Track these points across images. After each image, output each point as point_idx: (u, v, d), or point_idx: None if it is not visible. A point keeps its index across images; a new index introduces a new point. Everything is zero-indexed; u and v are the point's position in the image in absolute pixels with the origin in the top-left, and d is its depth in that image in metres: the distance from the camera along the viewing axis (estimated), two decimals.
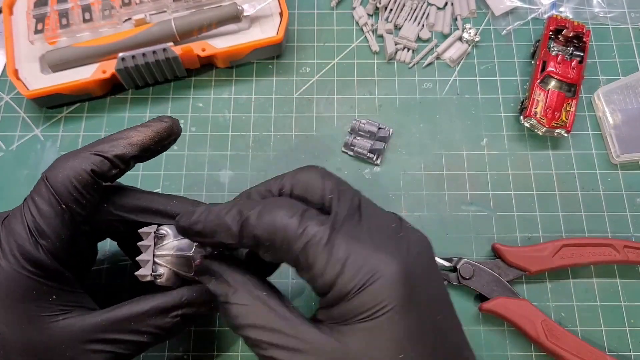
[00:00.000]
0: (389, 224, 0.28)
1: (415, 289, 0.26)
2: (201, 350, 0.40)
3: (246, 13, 0.46)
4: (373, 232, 0.27)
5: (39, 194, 0.29)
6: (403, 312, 0.25)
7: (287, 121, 0.48)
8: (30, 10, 0.46)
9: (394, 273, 0.25)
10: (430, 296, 0.27)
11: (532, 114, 0.45)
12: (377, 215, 0.28)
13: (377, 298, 0.25)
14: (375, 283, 0.25)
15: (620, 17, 0.52)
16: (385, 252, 0.26)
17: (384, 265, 0.25)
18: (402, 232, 0.28)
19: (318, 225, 0.26)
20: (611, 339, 0.41)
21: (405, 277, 0.25)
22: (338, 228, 0.26)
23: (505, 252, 0.41)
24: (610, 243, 0.41)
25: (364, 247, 0.26)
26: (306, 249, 0.26)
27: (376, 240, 0.26)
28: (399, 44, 0.50)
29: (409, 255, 0.26)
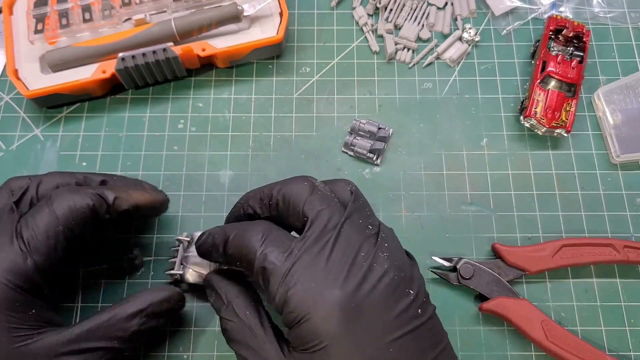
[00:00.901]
0: (356, 251, 0.28)
1: (359, 322, 0.26)
2: (201, 350, 0.40)
3: (246, 13, 0.46)
4: (333, 261, 0.28)
5: (41, 213, 0.31)
6: (336, 348, 0.26)
7: (287, 121, 0.48)
8: (30, 10, 0.46)
9: (330, 309, 0.26)
10: (382, 326, 0.27)
11: (532, 114, 0.45)
12: (348, 239, 0.29)
13: (311, 334, 0.27)
14: (309, 321, 0.27)
15: (620, 17, 0.52)
16: (331, 286, 0.27)
17: (323, 301, 0.27)
18: (367, 260, 0.28)
19: (278, 252, 0.29)
20: (611, 339, 0.41)
21: (345, 311, 0.26)
22: (295, 256, 0.28)
23: (505, 252, 0.41)
24: (610, 243, 0.41)
25: (313, 279, 0.27)
26: (263, 273, 0.29)
27: (331, 271, 0.28)
28: (399, 44, 0.50)
29: (360, 287, 0.27)
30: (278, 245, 0.29)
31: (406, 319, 0.28)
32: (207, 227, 0.43)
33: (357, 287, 0.27)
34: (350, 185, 0.32)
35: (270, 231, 0.30)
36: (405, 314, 0.28)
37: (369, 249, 0.29)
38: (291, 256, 0.28)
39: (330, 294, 0.27)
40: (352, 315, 0.27)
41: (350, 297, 0.27)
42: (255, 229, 0.30)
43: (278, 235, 0.30)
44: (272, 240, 0.29)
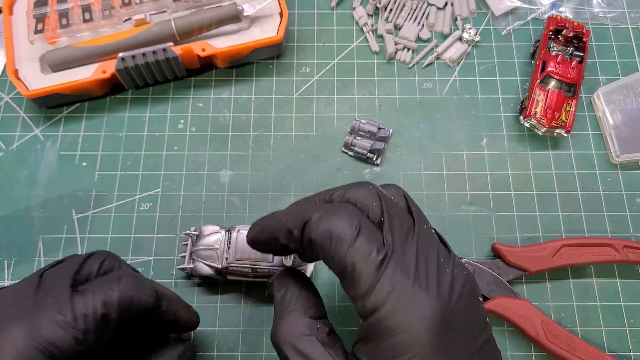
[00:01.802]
0: (437, 257, 0.27)
1: (449, 333, 0.25)
2: (201, 350, 0.40)
3: (246, 13, 0.46)
4: (420, 265, 0.26)
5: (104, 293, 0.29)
6: (438, 355, 0.24)
7: (287, 121, 0.48)
8: (30, 10, 0.46)
9: (433, 315, 0.24)
10: (467, 336, 0.26)
11: (532, 114, 0.45)
12: (426, 244, 0.27)
13: (413, 343, 0.24)
14: (412, 327, 0.24)
15: (620, 17, 0.52)
16: (427, 291, 0.25)
17: (425, 306, 0.25)
18: (449, 266, 0.27)
19: (373, 245, 0.25)
20: (611, 339, 0.41)
21: (440, 323, 0.25)
22: (390, 254, 0.25)
23: (505, 252, 0.41)
24: (610, 243, 0.41)
25: (408, 282, 0.25)
26: (355, 267, 0.25)
27: (421, 275, 0.25)
28: (399, 44, 0.50)
29: (451, 296, 0.25)
30: (372, 241, 0.26)
31: (483, 325, 0.26)
32: None
33: (448, 295, 0.25)
34: (402, 190, 0.31)
35: (363, 221, 0.26)
36: (484, 321, 0.27)
37: (445, 255, 0.27)
38: (388, 253, 0.25)
39: (428, 303, 0.25)
40: (446, 325, 0.25)
41: (445, 306, 0.25)
42: (347, 215, 0.26)
43: (371, 228, 0.26)
44: (366, 233, 0.26)
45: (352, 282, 0.26)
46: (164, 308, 0.32)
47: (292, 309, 0.28)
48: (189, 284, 0.42)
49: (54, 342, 0.27)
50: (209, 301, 0.41)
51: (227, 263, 0.38)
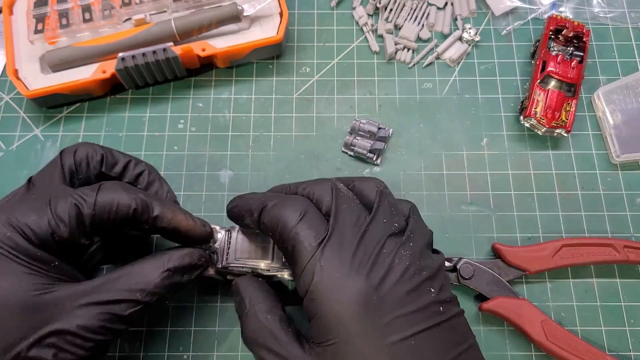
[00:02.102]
0: (379, 247, 0.29)
1: (378, 318, 0.27)
2: (201, 350, 0.40)
3: (246, 13, 0.46)
4: (357, 252, 0.29)
5: (85, 194, 0.31)
6: (355, 340, 0.27)
7: (287, 121, 0.48)
8: (30, 10, 0.46)
9: (352, 301, 0.27)
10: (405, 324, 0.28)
11: (532, 113, 0.45)
12: (373, 236, 0.30)
13: (332, 325, 0.28)
14: (330, 311, 0.28)
15: (620, 17, 0.52)
16: (355, 276, 0.28)
17: (346, 292, 0.28)
18: (390, 257, 0.29)
19: (314, 229, 0.30)
20: (611, 339, 0.41)
21: (364, 307, 0.27)
22: (327, 239, 0.29)
23: (505, 252, 0.41)
24: (611, 243, 0.41)
25: (338, 270, 0.28)
26: (295, 249, 0.30)
27: (354, 261, 0.29)
28: (399, 44, 0.50)
29: (383, 282, 0.28)
30: (312, 227, 0.30)
31: (425, 316, 0.28)
32: None
33: (380, 282, 0.28)
34: (379, 185, 0.33)
35: (308, 210, 0.31)
36: (424, 311, 0.28)
37: (392, 247, 0.30)
38: (325, 239, 0.29)
39: (354, 286, 0.28)
40: (372, 309, 0.27)
41: (373, 290, 0.28)
42: (295, 204, 0.31)
43: (314, 216, 0.30)
44: (308, 220, 0.30)
45: (292, 262, 0.30)
46: (153, 213, 0.32)
47: (246, 310, 0.32)
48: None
49: (30, 225, 0.29)
50: (209, 301, 0.41)
51: (227, 263, 0.38)
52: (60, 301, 0.29)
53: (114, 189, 0.32)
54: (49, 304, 0.29)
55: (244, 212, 0.34)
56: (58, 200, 0.31)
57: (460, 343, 0.29)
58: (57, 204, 0.30)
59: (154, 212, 0.33)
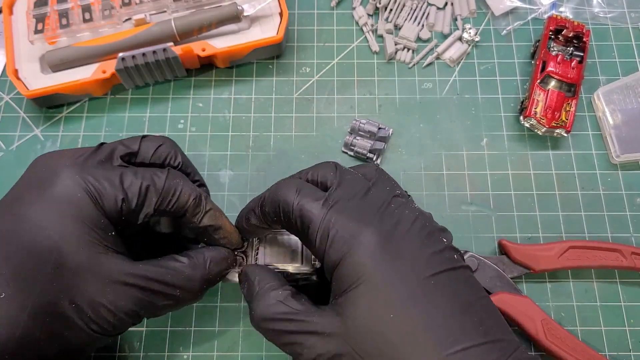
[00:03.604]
0: (388, 203, 0.30)
1: (395, 261, 0.28)
2: (201, 350, 0.40)
3: (246, 13, 0.46)
4: (365, 207, 0.30)
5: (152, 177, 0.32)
6: (376, 282, 0.28)
7: (287, 121, 0.48)
8: (30, 10, 0.46)
9: (369, 245, 0.28)
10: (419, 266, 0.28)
11: (532, 114, 0.45)
12: (379, 195, 0.31)
13: (352, 271, 0.28)
14: (350, 256, 0.28)
15: (620, 17, 0.52)
16: (366, 224, 0.29)
17: (362, 238, 0.28)
18: (398, 209, 0.30)
19: (313, 200, 0.30)
20: (611, 339, 0.41)
21: (382, 249, 0.28)
22: (330, 204, 0.30)
23: (511, 249, 0.41)
24: (619, 249, 0.41)
25: (349, 221, 0.29)
26: (302, 221, 0.30)
27: (363, 215, 0.29)
28: (399, 44, 0.50)
29: (396, 229, 0.29)
30: (312, 196, 0.30)
31: (442, 259, 0.29)
32: None
33: (392, 227, 0.29)
34: (374, 165, 0.35)
35: (303, 185, 0.32)
36: (441, 255, 0.29)
37: (399, 203, 0.31)
38: (326, 203, 0.30)
39: (368, 232, 0.28)
40: (390, 251, 0.28)
41: (387, 235, 0.29)
42: (288, 185, 0.32)
43: (310, 188, 0.31)
44: (305, 192, 0.31)
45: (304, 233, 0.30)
46: (206, 208, 0.34)
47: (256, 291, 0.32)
48: None
49: (100, 191, 0.30)
50: (209, 301, 0.41)
51: None
52: (108, 270, 0.30)
53: (179, 176, 0.33)
54: (98, 269, 0.30)
55: (247, 214, 0.35)
56: (132, 175, 0.32)
57: (477, 291, 0.29)
58: (131, 179, 0.31)
59: (206, 207, 0.34)
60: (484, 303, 0.29)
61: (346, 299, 0.28)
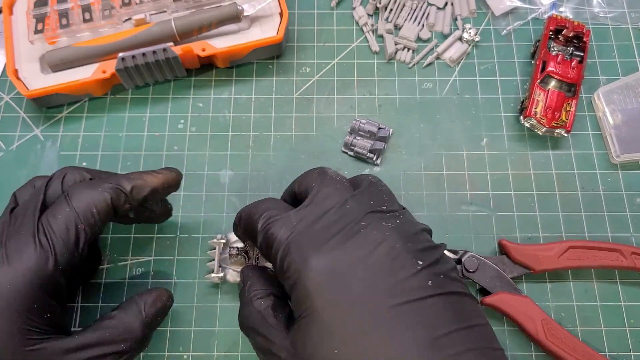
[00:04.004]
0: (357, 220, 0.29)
1: (346, 287, 0.26)
2: (201, 350, 0.40)
3: (246, 13, 0.46)
4: (326, 229, 0.29)
5: (61, 210, 0.31)
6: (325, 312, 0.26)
7: (287, 121, 0.48)
8: (30, 10, 0.46)
9: (316, 272, 0.27)
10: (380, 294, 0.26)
11: (532, 113, 0.45)
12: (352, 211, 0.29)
13: (301, 298, 0.28)
14: (298, 284, 0.28)
15: (620, 17, 0.52)
16: (318, 250, 0.28)
17: (310, 264, 0.27)
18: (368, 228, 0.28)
19: (278, 224, 0.30)
20: (611, 339, 0.41)
21: (329, 277, 0.27)
22: (293, 226, 0.29)
23: (512, 249, 0.41)
24: (619, 248, 0.41)
25: (304, 245, 0.28)
26: (266, 245, 0.30)
27: (322, 238, 0.28)
28: (399, 44, 0.50)
29: (352, 252, 0.27)
30: (279, 219, 0.30)
31: (409, 287, 0.26)
32: (207, 228, 0.44)
33: (350, 252, 0.27)
34: (371, 177, 0.33)
35: (274, 206, 0.32)
36: (408, 282, 0.26)
37: (371, 220, 0.28)
38: (289, 226, 0.29)
39: (318, 258, 0.27)
40: (339, 280, 0.27)
41: (339, 261, 0.27)
42: (259, 206, 0.32)
43: (280, 209, 0.31)
44: (272, 214, 0.31)
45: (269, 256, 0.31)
46: (127, 190, 0.33)
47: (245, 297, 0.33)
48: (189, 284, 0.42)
49: (33, 269, 0.29)
50: (209, 301, 0.41)
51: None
52: (47, 358, 0.29)
53: (82, 191, 0.32)
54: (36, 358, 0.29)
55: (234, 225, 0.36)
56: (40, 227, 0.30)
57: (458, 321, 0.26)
58: (42, 231, 0.30)
59: (126, 189, 0.33)
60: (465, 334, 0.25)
61: (299, 327, 0.28)
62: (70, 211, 0.31)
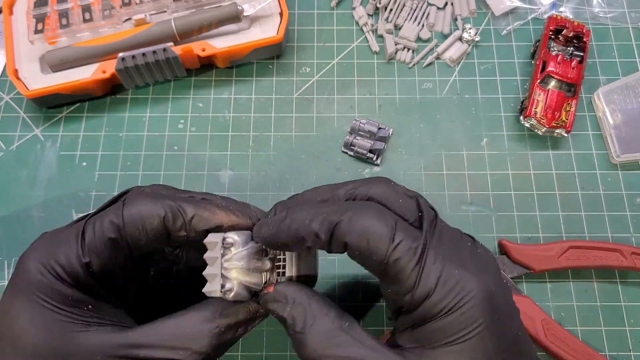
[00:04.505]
0: (465, 243, 0.28)
1: (498, 307, 0.26)
2: None
3: (246, 13, 0.46)
4: (457, 251, 0.27)
5: (109, 216, 0.29)
6: (491, 331, 0.25)
7: (287, 121, 0.48)
8: (30, 10, 0.46)
9: (482, 292, 0.25)
10: (508, 312, 0.26)
11: (532, 113, 0.45)
12: (452, 233, 0.28)
13: (468, 319, 0.25)
14: (466, 305, 0.25)
15: (620, 17, 0.52)
16: (471, 271, 0.26)
17: (473, 285, 0.25)
18: (477, 249, 0.28)
19: (411, 239, 0.26)
20: (611, 339, 0.41)
21: (490, 296, 0.25)
22: (429, 245, 0.26)
23: (512, 249, 0.41)
24: (618, 248, 0.41)
25: (453, 267, 0.26)
26: (398, 263, 0.26)
27: (461, 259, 0.26)
28: (399, 44, 0.50)
29: (489, 274, 0.26)
30: (409, 236, 0.26)
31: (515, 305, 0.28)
32: None
33: (488, 275, 0.26)
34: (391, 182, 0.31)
35: (390, 215, 0.27)
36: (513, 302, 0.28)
37: (468, 238, 0.28)
38: (426, 246, 0.26)
39: (476, 280, 0.25)
40: (493, 303, 0.26)
41: (489, 285, 0.26)
42: (374, 212, 0.27)
43: (403, 223, 0.27)
44: (401, 229, 0.26)
45: (396, 279, 0.26)
46: (187, 216, 0.29)
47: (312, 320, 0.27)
48: None
49: (63, 265, 0.27)
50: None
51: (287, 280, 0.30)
52: (91, 348, 0.26)
53: (138, 200, 0.29)
54: (79, 354, 0.26)
55: (305, 235, 0.27)
56: (85, 229, 0.28)
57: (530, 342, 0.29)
58: (85, 234, 0.28)
59: (187, 214, 0.29)
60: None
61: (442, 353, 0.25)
62: (117, 218, 0.28)
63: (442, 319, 0.25)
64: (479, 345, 0.25)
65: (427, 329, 0.26)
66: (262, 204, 0.44)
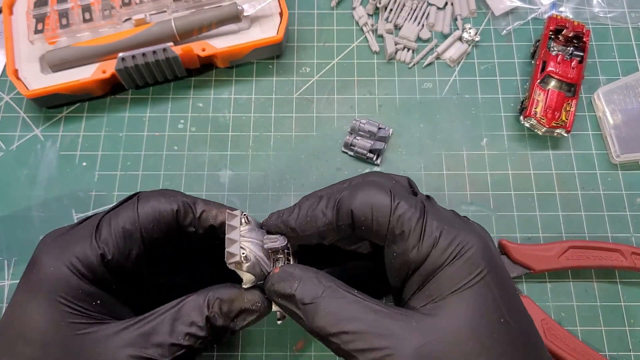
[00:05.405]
0: (459, 216, 0.31)
1: (495, 259, 0.28)
2: None
3: (246, 13, 0.46)
4: (452, 218, 0.30)
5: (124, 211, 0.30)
6: (493, 276, 0.27)
7: (287, 121, 0.48)
8: (30, 10, 0.46)
9: (481, 243, 0.28)
10: (504, 268, 0.29)
11: (532, 113, 0.45)
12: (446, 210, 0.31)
13: (472, 265, 0.27)
14: (468, 252, 0.27)
15: (620, 17, 0.52)
16: (466, 230, 0.28)
17: (471, 238, 0.28)
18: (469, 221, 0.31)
19: (410, 201, 0.29)
20: (611, 339, 0.41)
21: (488, 247, 0.28)
22: (424, 207, 0.29)
23: (511, 249, 0.41)
24: (618, 249, 0.41)
25: (451, 225, 0.28)
26: (402, 219, 0.28)
27: (457, 224, 0.29)
28: (399, 44, 0.50)
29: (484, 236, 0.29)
30: (408, 200, 0.29)
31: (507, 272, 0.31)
32: None
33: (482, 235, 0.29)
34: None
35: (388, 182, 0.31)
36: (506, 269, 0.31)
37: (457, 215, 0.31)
38: (425, 207, 0.29)
39: (474, 235, 0.28)
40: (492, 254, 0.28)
41: (485, 240, 0.29)
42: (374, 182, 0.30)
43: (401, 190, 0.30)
44: (398, 193, 0.29)
45: (402, 236, 0.28)
46: (197, 212, 0.31)
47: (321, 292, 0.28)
48: None
49: (81, 259, 0.28)
50: None
51: None
52: (100, 344, 0.28)
53: (152, 197, 0.31)
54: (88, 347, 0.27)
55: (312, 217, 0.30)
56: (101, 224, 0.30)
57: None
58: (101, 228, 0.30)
59: (197, 210, 0.32)
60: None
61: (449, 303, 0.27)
62: (132, 213, 0.30)
63: (449, 266, 0.27)
64: (485, 289, 0.27)
65: (435, 280, 0.28)
66: (262, 204, 0.45)
